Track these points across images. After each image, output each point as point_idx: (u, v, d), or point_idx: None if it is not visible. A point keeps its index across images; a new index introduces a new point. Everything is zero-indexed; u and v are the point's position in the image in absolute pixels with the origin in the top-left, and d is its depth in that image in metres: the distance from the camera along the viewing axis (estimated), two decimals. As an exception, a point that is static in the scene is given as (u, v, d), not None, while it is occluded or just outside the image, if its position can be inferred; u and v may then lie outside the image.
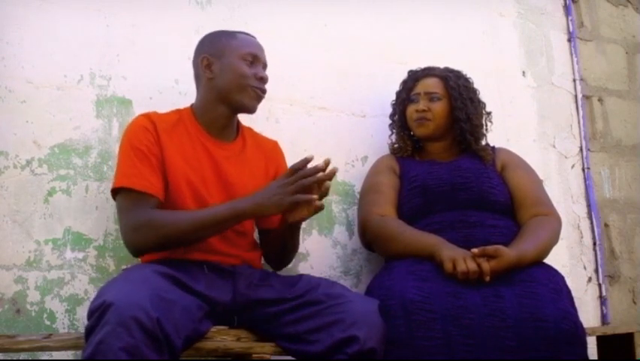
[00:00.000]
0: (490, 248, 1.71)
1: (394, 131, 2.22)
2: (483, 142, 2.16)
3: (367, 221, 1.97)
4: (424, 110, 2.09)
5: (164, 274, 1.44)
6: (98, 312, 1.28)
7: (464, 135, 2.10)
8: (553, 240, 1.94)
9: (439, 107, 2.09)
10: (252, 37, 1.81)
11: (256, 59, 1.75)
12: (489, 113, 2.20)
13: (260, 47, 1.79)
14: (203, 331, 1.51)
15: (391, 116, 2.25)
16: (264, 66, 1.78)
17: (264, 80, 1.75)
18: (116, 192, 1.61)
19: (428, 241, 1.81)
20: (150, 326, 1.26)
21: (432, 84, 2.12)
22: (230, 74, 1.71)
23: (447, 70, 2.17)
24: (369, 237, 1.97)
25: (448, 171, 2.02)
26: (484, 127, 2.17)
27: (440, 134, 2.12)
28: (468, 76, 2.18)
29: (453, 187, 1.96)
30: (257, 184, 1.77)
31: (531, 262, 1.78)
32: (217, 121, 1.74)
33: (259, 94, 1.74)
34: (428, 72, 2.17)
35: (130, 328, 1.24)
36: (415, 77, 2.18)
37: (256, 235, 1.89)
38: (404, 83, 2.21)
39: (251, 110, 1.76)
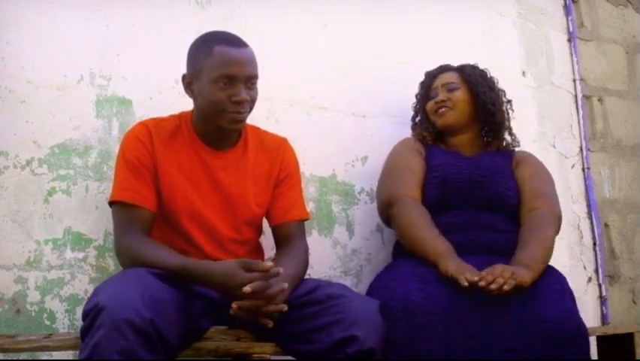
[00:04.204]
0: (507, 272, 1.64)
1: (416, 129, 2.19)
2: (507, 133, 2.16)
3: (397, 199, 1.92)
4: (442, 101, 2.10)
5: (159, 275, 1.44)
6: (92, 314, 1.29)
7: (491, 121, 2.10)
8: (554, 239, 1.91)
9: (458, 95, 2.10)
10: (235, 46, 1.63)
11: (233, 79, 1.59)
12: (509, 101, 2.20)
13: (239, 62, 1.61)
14: (202, 328, 1.52)
15: (413, 118, 2.24)
16: (249, 79, 1.62)
17: (240, 103, 1.60)
18: (111, 203, 1.64)
19: (435, 249, 1.77)
20: (143, 327, 1.27)
21: (448, 76, 2.14)
22: (205, 100, 1.63)
23: (462, 64, 2.19)
24: (394, 215, 1.93)
25: (468, 166, 2.01)
26: (506, 113, 2.17)
27: (462, 124, 2.11)
28: (484, 67, 2.19)
29: (470, 185, 1.96)
30: (260, 188, 1.77)
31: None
32: (211, 133, 1.70)
33: (236, 118, 1.63)
34: (443, 68, 2.19)
35: (123, 331, 1.25)
36: (431, 75, 2.19)
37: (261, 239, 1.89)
38: (422, 83, 2.22)
39: (232, 132, 1.71)
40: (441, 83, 2.14)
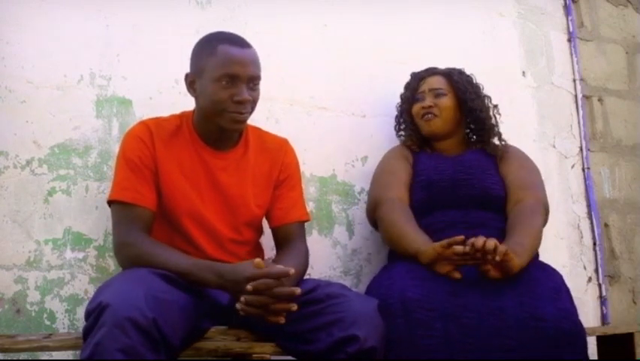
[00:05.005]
0: (502, 249, 1.63)
1: (402, 131, 2.22)
2: (496, 139, 2.15)
3: (383, 201, 1.95)
4: (430, 107, 2.10)
5: (161, 275, 1.44)
6: (95, 313, 1.28)
7: (478, 126, 2.10)
8: (541, 229, 1.90)
9: (445, 102, 2.10)
10: (239, 46, 1.63)
11: (235, 79, 1.59)
12: (496, 106, 2.20)
13: (242, 62, 1.60)
14: (202, 329, 1.52)
15: (397, 117, 2.25)
16: (251, 79, 1.62)
17: (241, 103, 1.60)
18: (110, 202, 1.63)
19: (415, 242, 1.79)
20: (146, 326, 1.26)
21: (436, 81, 2.14)
22: (206, 99, 1.62)
23: (449, 68, 2.19)
24: (379, 216, 1.95)
25: (451, 166, 2.02)
26: (494, 119, 2.16)
27: (448, 131, 2.12)
28: (470, 73, 2.19)
29: (454, 183, 1.96)
30: (260, 189, 1.77)
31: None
32: (212, 133, 1.70)
33: (237, 118, 1.62)
34: (431, 71, 2.19)
35: (125, 328, 1.24)
36: (418, 77, 2.20)
37: (261, 239, 1.89)
38: (408, 84, 2.22)
39: (232, 132, 1.70)
40: (428, 88, 2.14)
